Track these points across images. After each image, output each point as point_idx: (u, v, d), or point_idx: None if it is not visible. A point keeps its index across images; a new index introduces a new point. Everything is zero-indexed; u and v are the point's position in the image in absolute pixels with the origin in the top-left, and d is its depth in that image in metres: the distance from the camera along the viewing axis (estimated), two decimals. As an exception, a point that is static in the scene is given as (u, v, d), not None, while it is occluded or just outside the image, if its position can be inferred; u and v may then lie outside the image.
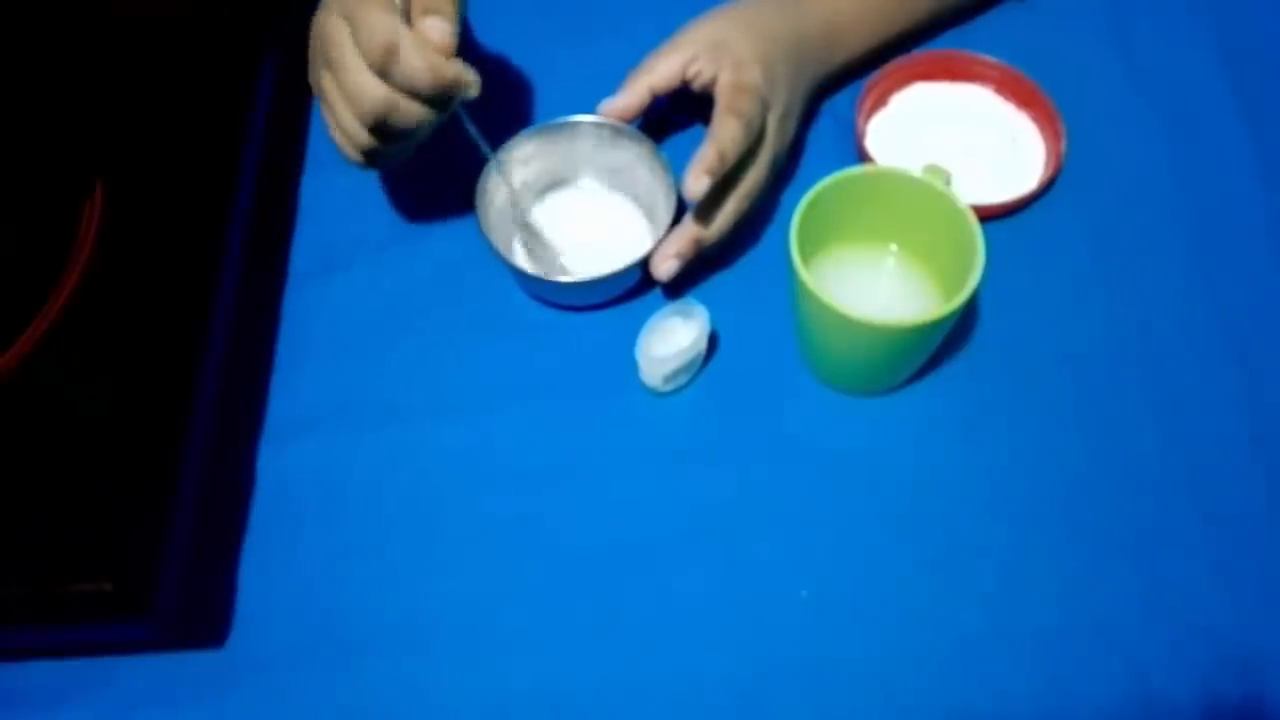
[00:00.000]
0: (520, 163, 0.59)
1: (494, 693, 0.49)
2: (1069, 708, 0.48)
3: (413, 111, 0.49)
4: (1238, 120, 0.64)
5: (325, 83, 0.50)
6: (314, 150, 0.66)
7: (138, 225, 0.55)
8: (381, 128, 0.49)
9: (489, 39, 0.68)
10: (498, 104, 0.66)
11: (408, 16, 0.48)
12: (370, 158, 0.52)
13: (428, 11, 0.48)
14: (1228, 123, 0.64)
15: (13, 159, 0.58)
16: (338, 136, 0.52)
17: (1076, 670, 0.49)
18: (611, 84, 0.59)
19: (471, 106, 0.51)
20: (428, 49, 0.47)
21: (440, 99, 0.49)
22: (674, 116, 0.63)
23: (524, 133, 0.58)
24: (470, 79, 0.49)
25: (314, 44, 0.52)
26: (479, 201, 0.57)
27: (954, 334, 0.55)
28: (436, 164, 0.56)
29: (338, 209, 0.63)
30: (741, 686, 0.49)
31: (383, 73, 0.47)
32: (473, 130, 0.53)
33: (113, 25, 0.62)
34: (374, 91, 0.48)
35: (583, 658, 0.50)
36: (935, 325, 0.49)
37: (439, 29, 0.48)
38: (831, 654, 0.49)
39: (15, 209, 0.57)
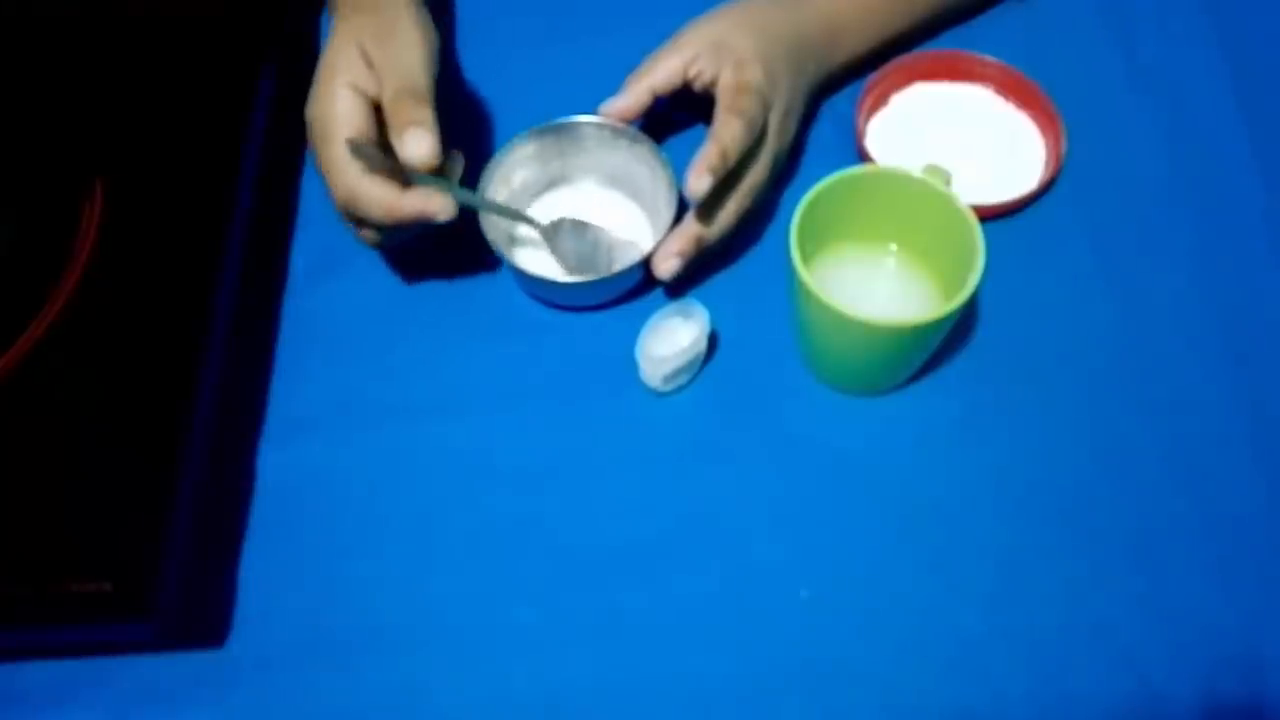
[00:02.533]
0: (519, 164, 0.59)
1: (494, 693, 0.49)
2: (1069, 708, 0.48)
3: (399, 235, 0.53)
4: (1238, 120, 0.64)
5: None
6: (314, 150, 0.66)
7: (138, 225, 0.55)
8: (370, 236, 0.54)
9: (489, 39, 0.68)
10: (498, 105, 0.66)
11: (382, 131, 0.51)
12: (375, 244, 0.56)
13: (405, 125, 0.49)
14: (1228, 123, 0.64)
15: (13, 159, 0.58)
16: None
17: (1076, 670, 0.49)
18: (611, 84, 0.59)
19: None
20: (388, 194, 0.50)
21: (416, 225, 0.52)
22: (674, 116, 0.63)
23: (524, 133, 0.58)
24: (435, 207, 0.50)
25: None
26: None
27: (954, 334, 0.55)
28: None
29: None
30: (741, 686, 0.49)
31: (346, 214, 0.52)
32: (473, 200, 0.55)
33: (113, 25, 0.62)
34: (358, 230, 0.53)
35: (583, 658, 0.50)
36: (935, 325, 0.49)
37: (417, 141, 0.49)
38: (832, 654, 0.49)
39: (15, 209, 0.57)
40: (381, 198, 0.50)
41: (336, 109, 0.50)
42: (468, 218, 0.57)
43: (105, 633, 0.50)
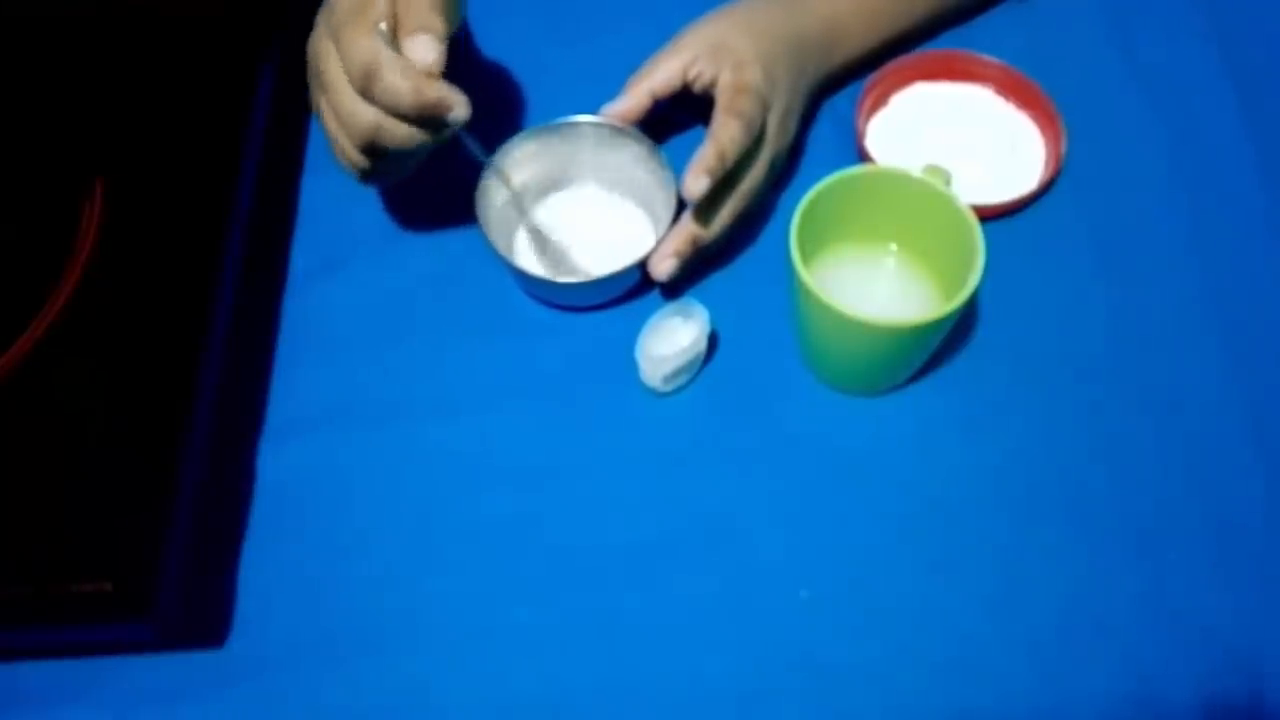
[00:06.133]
0: (520, 163, 0.59)
1: (494, 693, 0.49)
2: (1069, 708, 0.48)
3: (401, 132, 0.49)
4: (1238, 120, 0.64)
5: (321, 104, 0.51)
6: (314, 150, 0.66)
7: (138, 226, 0.55)
8: (373, 149, 0.50)
9: (489, 39, 0.68)
10: (498, 105, 0.66)
11: (395, 35, 0.48)
12: (368, 175, 0.53)
13: (416, 29, 0.48)
14: (1228, 123, 0.64)
15: (13, 159, 0.58)
16: (337, 154, 0.53)
17: (1076, 670, 0.49)
18: (611, 84, 0.59)
19: (468, 122, 0.50)
20: (413, 71, 0.47)
21: (428, 120, 0.49)
22: (674, 117, 0.63)
23: (523, 133, 0.58)
24: (456, 100, 0.49)
25: (309, 65, 0.52)
26: (479, 201, 0.57)
27: (954, 334, 0.55)
28: (437, 164, 0.56)
29: (338, 209, 0.63)
30: (741, 686, 0.49)
31: (365, 94, 0.48)
32: (471, 144, 0.53)
33: (113, 25, 0.62)
34: (362, 113, 0.49)
35: (583, 658, 0.50)
36: (935, 325, 0.49)
37: (426, 46, 0.48)
38: (831, 654, 0.49)
39: (15, 209, 0.57)
40: (407, 72, 0.47)
41: None
42: (470, 217, 0.57)
43: (105, 633, 0.50)
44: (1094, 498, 0.53)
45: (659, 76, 0.58)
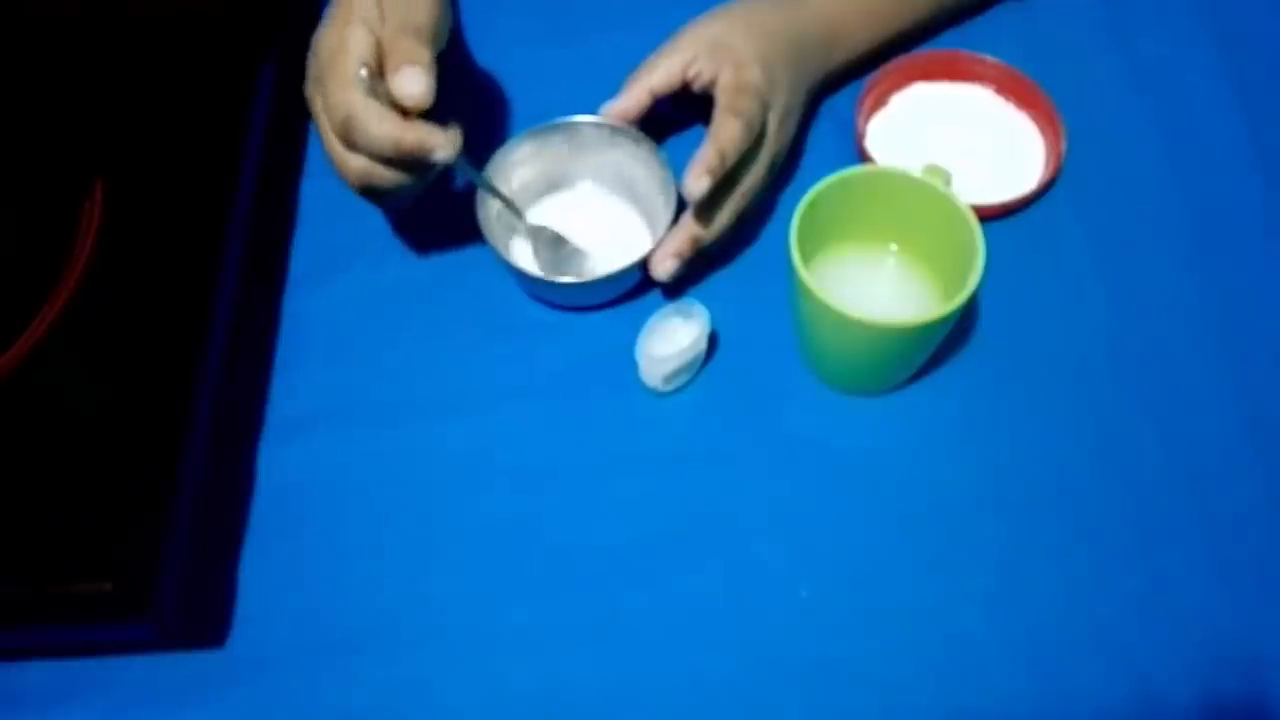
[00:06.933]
0: (519, 164, 0.59)
1: (494, 692, 0.49)
2: (1069, 708, 0.48)
3: (389, 176, 0.50)
4: (1238, 120, 0.64)
5: (324, 145, 0.52)
6: (314, 150, 0.66)
7: (138, 226, 0.55)
8: (369, 190, 0.51)
9: (487, 39, 0.68)
10: (497, 105, 0.66)
11: (382, 72, 0.49)
12: (377, 203, 0.54)
13: (401, 64, 0.48)
14: (1228, 123, 0.64)
15: (13, 159, 0.58)
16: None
17: (1076, 670, 0.49)
18: (611, 84, 0.59)
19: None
20: (390, 119, 0.48)
21: (412, 162, 0.50)
22: (674, 116, 0.63)
23: (523, 133, 0.58)
24: (437, 141, 0.49)
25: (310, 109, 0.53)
26: (479, 202, 0.57)
27: (954, 334, 0.55)
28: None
29: (337, 209, 0.63)
30: (741, 686, 0.49)
31: (348, 145, 0.49)
32: (465, 173, 0.53)
33: (113, 25, 0.62)
34: (350, 161, 0.50)
35: (583, 658, 0.50)
36: (935, 325, 0.49)
37: (413, 80, 0.48)
38: (831, 654, 0.49)
39: (15, 209, 0.57)
40: (384, 122, 0.48)
41: (348, 39, 0.49)
42: (469, 217, 0.57)
43: (105, 633, 0.50)
44: (1093, 497, 0.53)
45: (658, 75, 0.58)
